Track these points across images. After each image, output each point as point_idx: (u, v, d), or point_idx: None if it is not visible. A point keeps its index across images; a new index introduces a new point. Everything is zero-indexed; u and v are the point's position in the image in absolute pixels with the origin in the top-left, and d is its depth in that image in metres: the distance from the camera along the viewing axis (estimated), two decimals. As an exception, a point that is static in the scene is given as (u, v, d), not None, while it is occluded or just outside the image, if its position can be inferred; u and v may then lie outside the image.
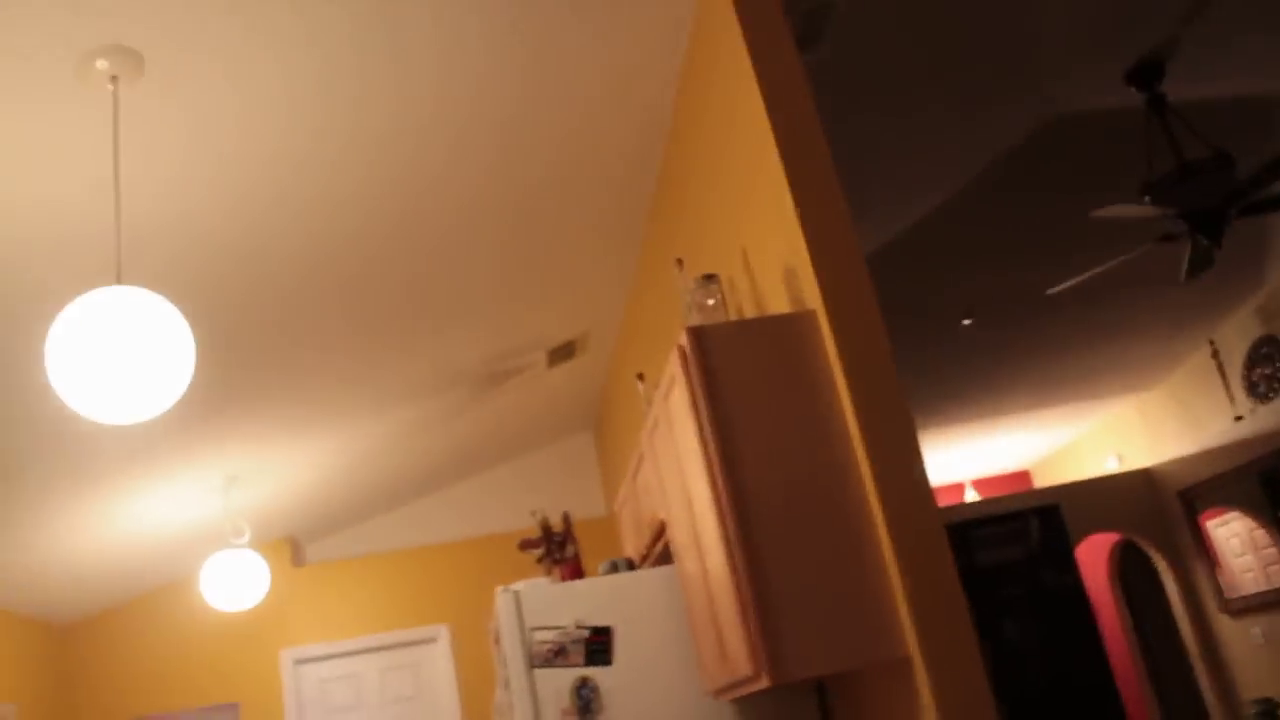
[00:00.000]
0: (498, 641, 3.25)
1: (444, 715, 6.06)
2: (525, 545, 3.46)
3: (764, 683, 2.43)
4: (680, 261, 3.16)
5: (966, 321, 6.38)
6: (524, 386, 5.67)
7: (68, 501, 4.53)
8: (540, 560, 3.47)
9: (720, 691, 2.91)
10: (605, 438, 6.42)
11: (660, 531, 3.33)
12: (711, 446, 2.58)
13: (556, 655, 3.05)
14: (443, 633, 6.15)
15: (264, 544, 5.88)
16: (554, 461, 6.65)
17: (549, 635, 3.05)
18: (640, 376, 3.83)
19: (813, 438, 2.61)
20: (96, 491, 4.55)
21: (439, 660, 6.14)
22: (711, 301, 2.92)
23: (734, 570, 2.49)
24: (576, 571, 3.34)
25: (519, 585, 3.11)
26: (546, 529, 3.48)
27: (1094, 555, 8.97)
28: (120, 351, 2.43)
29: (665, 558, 3.49)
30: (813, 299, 2.72)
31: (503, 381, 5.46)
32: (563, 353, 5.48)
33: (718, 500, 2.54)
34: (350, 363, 4.48)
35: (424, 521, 6.44)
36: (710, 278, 2.93)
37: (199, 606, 5.91)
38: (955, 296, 6.09)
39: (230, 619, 6.00)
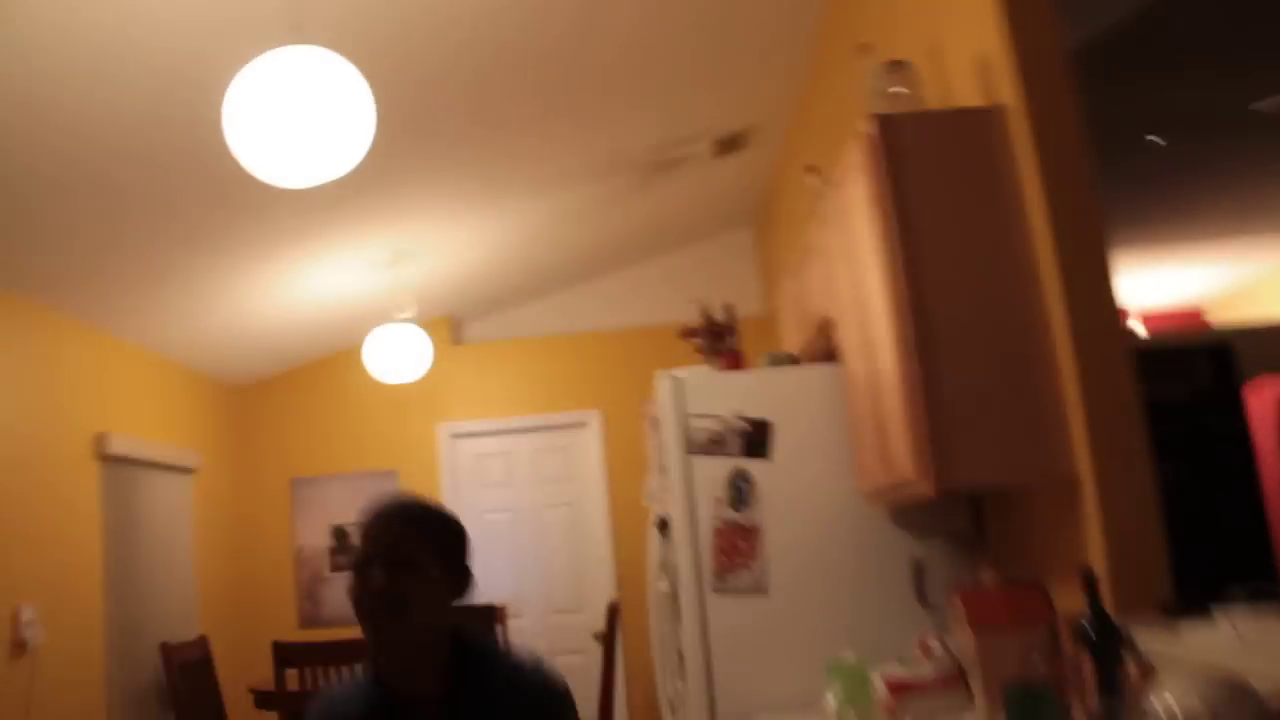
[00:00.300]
0: (656, 426, 3.29)
1: (592, 496, 6.29)
2: (686, 333, 3.45)
3: (926, 489, 2.39)
4: (865, 47, 2.97)
5: (1155, 138, 5.92)
6: (688, 178, 5.57)
7: (245, 268, 4.70)
8: (700, 349, 3.45)
9: (876, 494, 2.90)
10: (766, 234, 6.31)
11: (825, 329, 3.26)
12: (892, 242, 2.46)
13: (714, 444, 3.07)
14: (594, 418, 6.31)
15: (425, 321, 6.05)
16: (711, 257, 6.59)
17: (708, 424, 3.07)
18: (812, 169, 3.68)
19: (999, 242, 2.47)
20: (272, 260, 4.71)
21: (589, 444, 6.32)
22: (900, 90, 2.74)
23: (906, 373, 2.42)
24: (737, 363, 3.32)
25: (681, 371, 3.11)
26: (708, 318, 3.45)
27: (1263, 402, 8.53)
28: (299, 113, 2.42)
29: (828, 357, 3.44)
30: (1009, 94, 2.53)
31: (667, 171, 5.37)
32: (730, 144, 5.33)
33: (895, 300, 2.45)
34: (523, 141, 4.44)
35: (580, 308, 6.52)
36: (899, 64, 2.74)
37: (362, 377, 6.17)
38: (1148, 108, 5.64)
39: (390, 391, 6.26)
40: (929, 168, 2.52)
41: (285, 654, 4.05)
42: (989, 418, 2.39)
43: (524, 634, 5.99)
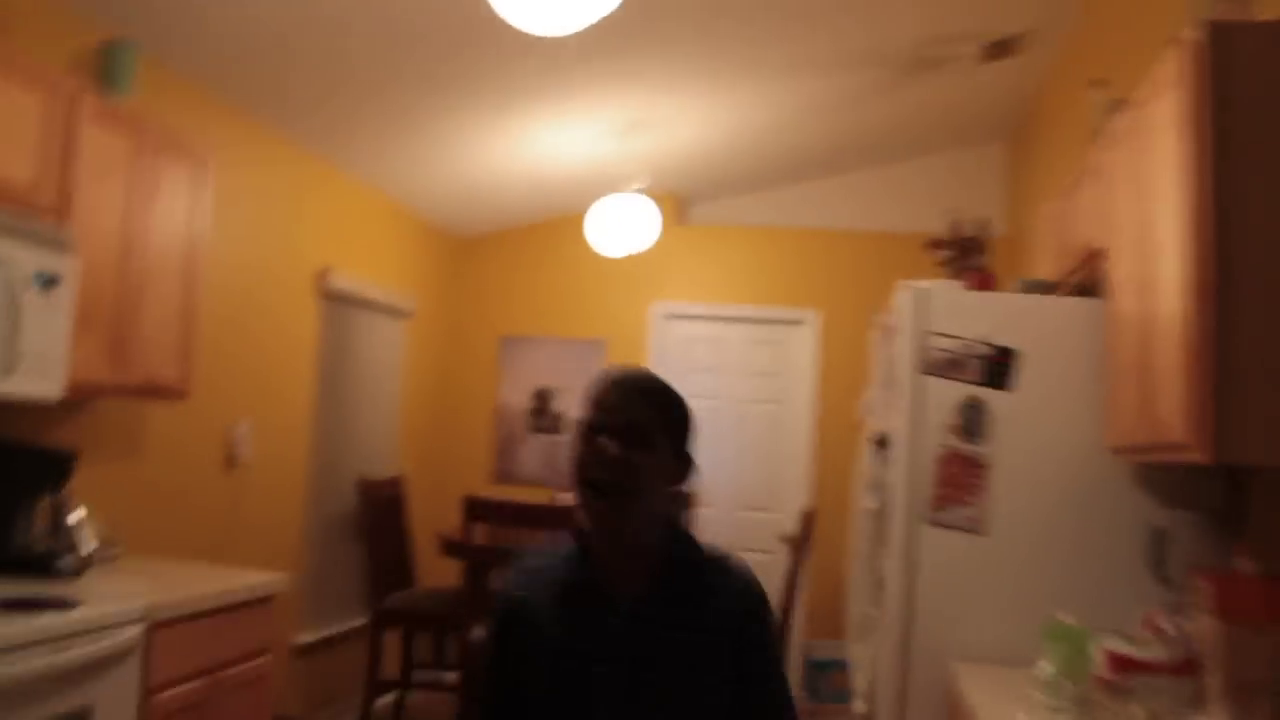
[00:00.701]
0: (889, 338, 3.06)
1: (799, 397, 6.09)
2: (934, 244, 3.18)
3: (1197, 456, 2.10)
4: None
5: None
6: (945, 81, 5.14)
7: (480, 119, 4.64)
8: (946, 264, 3.18)
9: (1125, 450, 2.60)
10: (1021, 151, 5.82)
11: (1090, 260, 2.92)
12: (1203, 169, 2.12)
13: (951, 366, 2.82)
14: (812, 317, 6.07)
15: (651, 196, 5.90)
16: (957, 168, 6.15)
17: (948, 344, 2.82)
18: (1099, 82, 3.29)
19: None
20: (508, 114, 4.63)
21: (804, 343, 6.10)
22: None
23: (1194, 319, 2.11)
24: (986, 283, 3.04)
25: (925, 283, 2.86)
26: (959, 231, 3.16)
27: None
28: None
29: (1086, 290, 3.11)
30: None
31: (926, 71, 4.97)
32: (1001, 48, 4.88)
33: (1195, 234, 2.12)
34: (776, 21, 4.17)
35: (810, 204, 6.23)
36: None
37: (581, 245, 6.11)
38: None
39: (608, 263, 6.18)
40: (1261, 88, 2.15)
41: (476, 509, 4.09)
42: (1290, 385, 2.06)
43: (710, 526, 5.92)
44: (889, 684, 2.87)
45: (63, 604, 2.49)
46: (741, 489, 6.07)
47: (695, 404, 5.91)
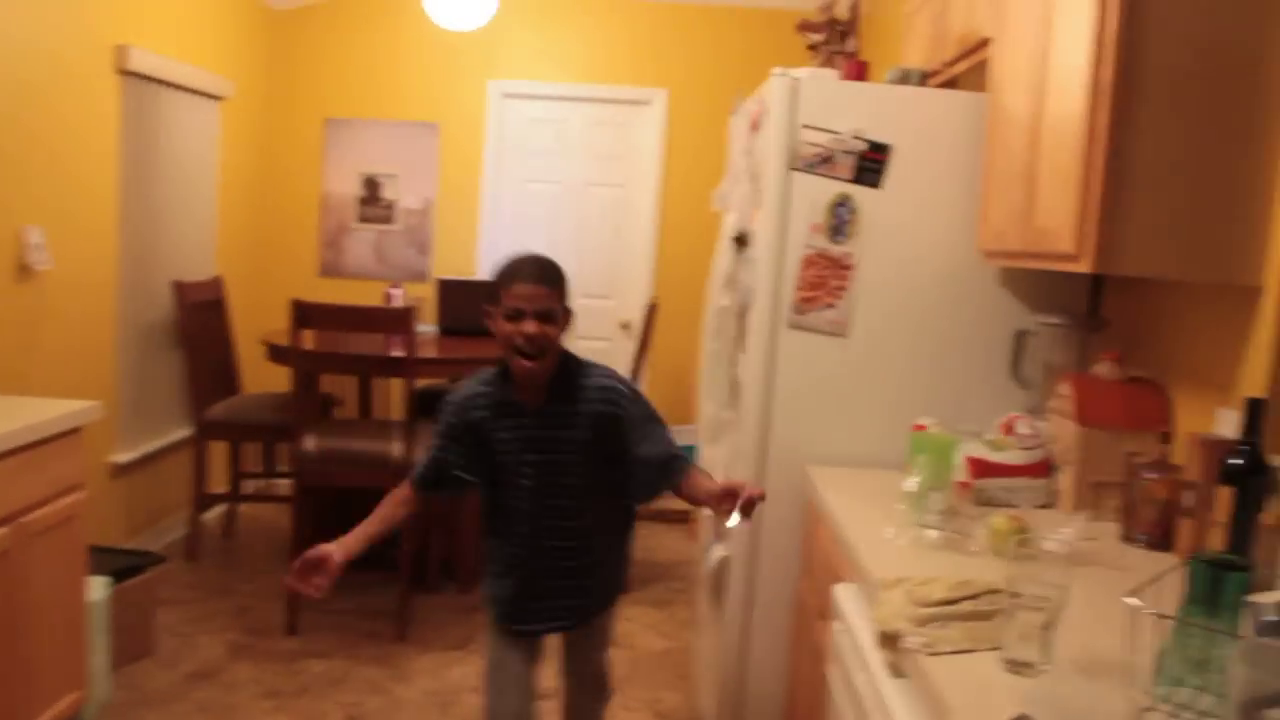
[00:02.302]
0: (755, 129, 2.84)
1: (643, 182, 5.84)
2: (806, 27, 2.93)
3: (1081, 266, 2.01)
4: None
5: None
6: None
7: None
8: (815, 47, 2.94)
9: (996, 254, 2.51)
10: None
11: (974, 49, 2.75)
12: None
13: (822, 163, 2.64)
14: (660, 97, 5.75)
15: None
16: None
17: (820, 139, 2.62)
18: None
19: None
20: None
21: (650, 125, 5.80)
22: None
23: (1092, 123, 1.97)
24: (861, 71, 2.83)
25: (800, 72, 2.63)
26: (830, 13, 2.92)
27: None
28: None
29: (956, 83, 2.95)
30: None
31: None
32: None
33: (1101, 31, 1.95)
34: None
35: (657, -27, 5.80)
36: None
37: (414, 18, 5.58)
38: None
39: (442, 39, 5.67)
40: None
41: (304, 314, 3.79)
42: (1180, 196, 1.96)
43: (550, 315, 5.76)
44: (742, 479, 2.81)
45: None
46: (582, 276, 5.85)
47: (535, 188, 5.68)
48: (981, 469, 2.42)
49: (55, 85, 3.80)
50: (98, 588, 3.23)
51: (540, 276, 2.27)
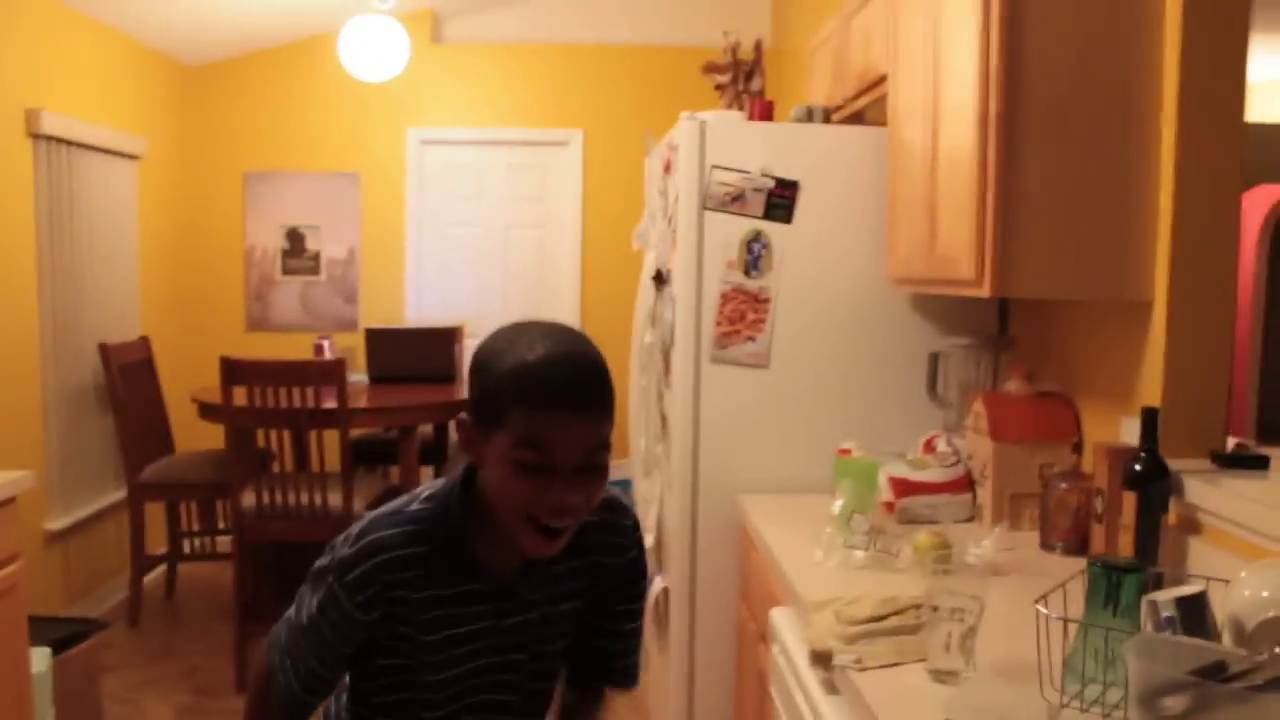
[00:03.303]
0: (668, 170, 2.94)
1: (565, 223, 5.94)
2: (711, 69, 3.04)
3: (982, 291, 2.12)
4: None
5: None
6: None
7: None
8: (722, 88, 3.06)
9: (906, 281, 2.63)
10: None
11: (873, 85, 2.88)
12: (993, -1, 2.07)
13: (734, 201, 2.74)
14: (577, 138, 5.86)
15: (404, 14, 5.45)
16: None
17: (730, 178, 2.73)
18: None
19: (1119, 11, 2.08)
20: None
21: (568, 166, 5.90)
22: None
23: (983, 154, 2.09)
24: (766, 110, 2.94)
25: (707, 115, 2.74)
26: (735, 55, 3.04)
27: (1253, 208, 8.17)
28: None
29: (861, 116, 3.08)
30: None
31: None
32: None
33: (986, 66, 2.08)
34: None
35: (570, 17, 5.88)
36: None
37: (329, 69, 5.63)
38: None
39: (359, 88, 5.72)
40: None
41: (233, 371, 3.81)
42: (1069, 220, 2.09)
43: (481, 356, 5.81)
44: (678, 518, 2.89)
45: None
46: (510, 317, 5.89)
47: (457, 232, 5.73)
48: (904, 488, 2.52)
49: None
50: (39, 659, 3.19)
51: (597, 398, 1.28)
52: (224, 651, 4.26)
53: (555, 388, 1.25)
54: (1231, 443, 2.13)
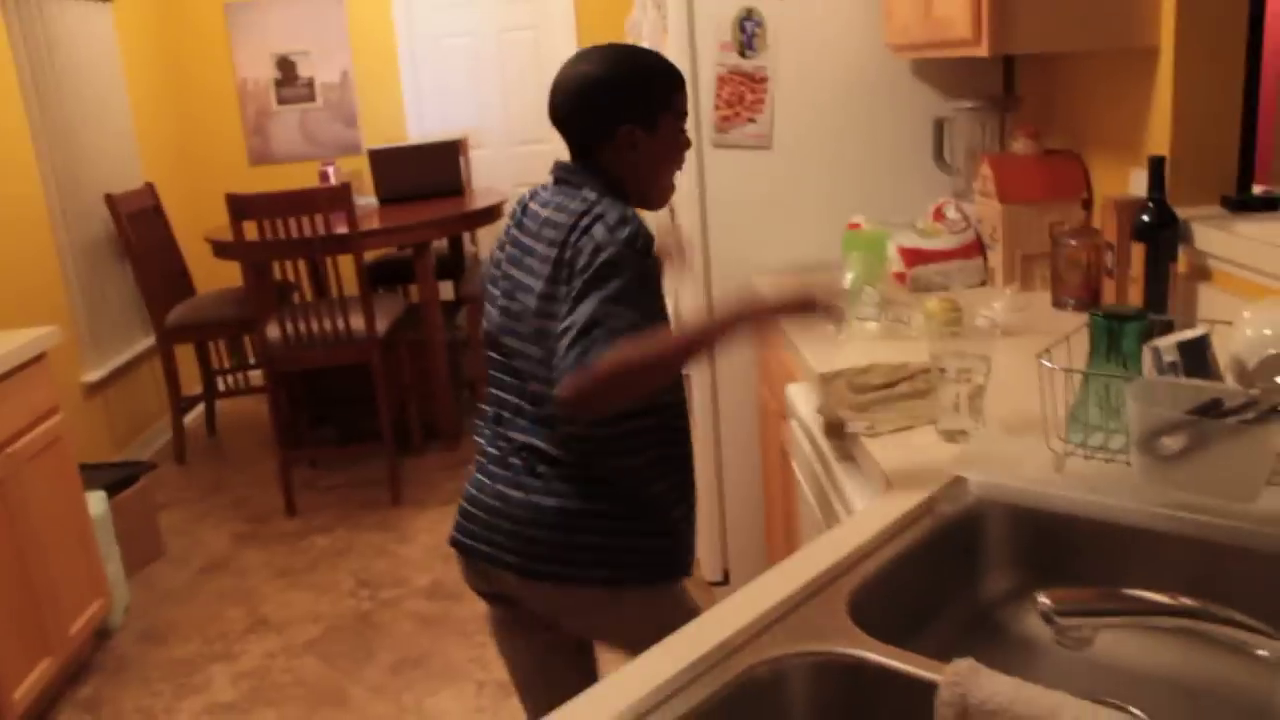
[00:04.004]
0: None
1: (557, 19, 5.73)
2: None
3: (980, 50, 2.06)
4: None
5: None
6: None
7: None
8: None
9: (906, 48, 2.55)
10: None
11: None
12: None
13: (721, -19, 2.64)
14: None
15: None
16: None
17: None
18: None
19: None
20: None
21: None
22: None
23: (972, -98, 2.00)
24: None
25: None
26: None
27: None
28: None
29: None
30: None
31: None
32: None
33: None
34: None
35: None
36: None
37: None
38: None
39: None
40: None
41: (241, 207, 3.80)
42: (1066, -35, 2.01)
43: (487, 165, 5.75)
44: (692, 305, 2.92)
45: None
46: (512, 125, 5.83)
47: (451, 42, 5.59)
48: (914, 257, 2.52)
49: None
50: (96, 502, 3.34)
51: None
52: (270, 480, 4.42)
53: (674, 68, 1.73)
54: (1259, 190, 2.10)
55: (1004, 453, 1.49)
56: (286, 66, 5.69)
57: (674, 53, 2.73)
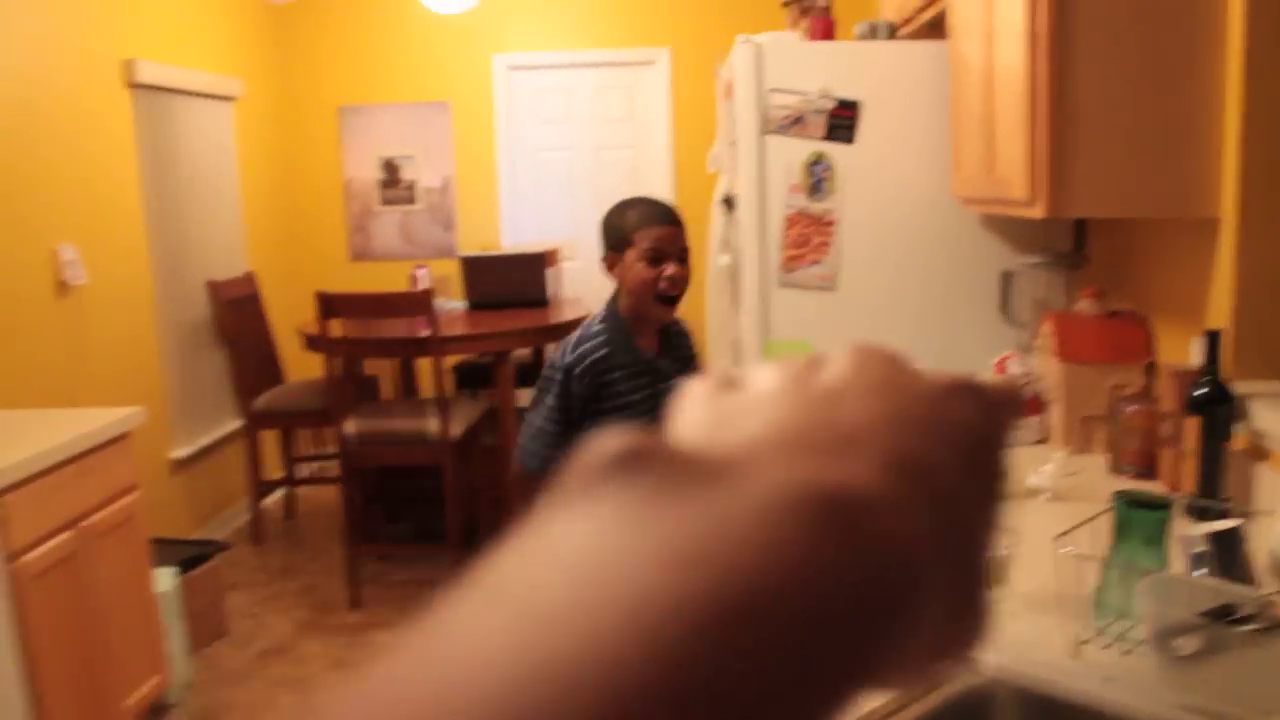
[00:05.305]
0: (728, 95, 2.92)
1: (654, 141, 5.92)
2: (774, -11, 2.98)
3: (1037, 212, 2.08)
4: None
5: None
6: None
7: None
8: (788, 5, 3.00)
9: (972, 201, 2.57)
10: None
11: (936, -3, 2.79)
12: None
13: (794, 124, 2.72)
14: (663, 56, 5.80)
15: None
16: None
17: (789, 100, 2.70)
18: None
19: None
20: None
21: (656, 84, 5.86)
22: None
23: (1033, 70, 2.03)
24: (827, 29, 2.88)
25: (762, 37, 2.70)
26: (799, -28, 2.98)
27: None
28: None
29: (935, 28, 2.99)
30: None
31: None
32: None
33: (1033, -18, 2.01)
34: None
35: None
36: None
37: (413, 2, 5.67)
38: None
39: (442, 18, 5.75)
40: None
41: (330, 305, 3.95)
42: (1124, 135, 2.02)
43: (576, 277, 5.88)
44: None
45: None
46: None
47: (548, 156, 5.73)
48: (970, 410, 2.50)
49: (70, 106, 3.97)
50: (166, 578, 3.44)
51: (675, 218, 2.29)
52: (339, 570, 4.50)
53: (651, 212, 2.30)
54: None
55: (1022, 631, 1.47)
56: (391, 169, 5.93)
57: (744, 191, 2.79)
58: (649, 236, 2.22)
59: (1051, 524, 1.81)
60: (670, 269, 2.23)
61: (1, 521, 2.54)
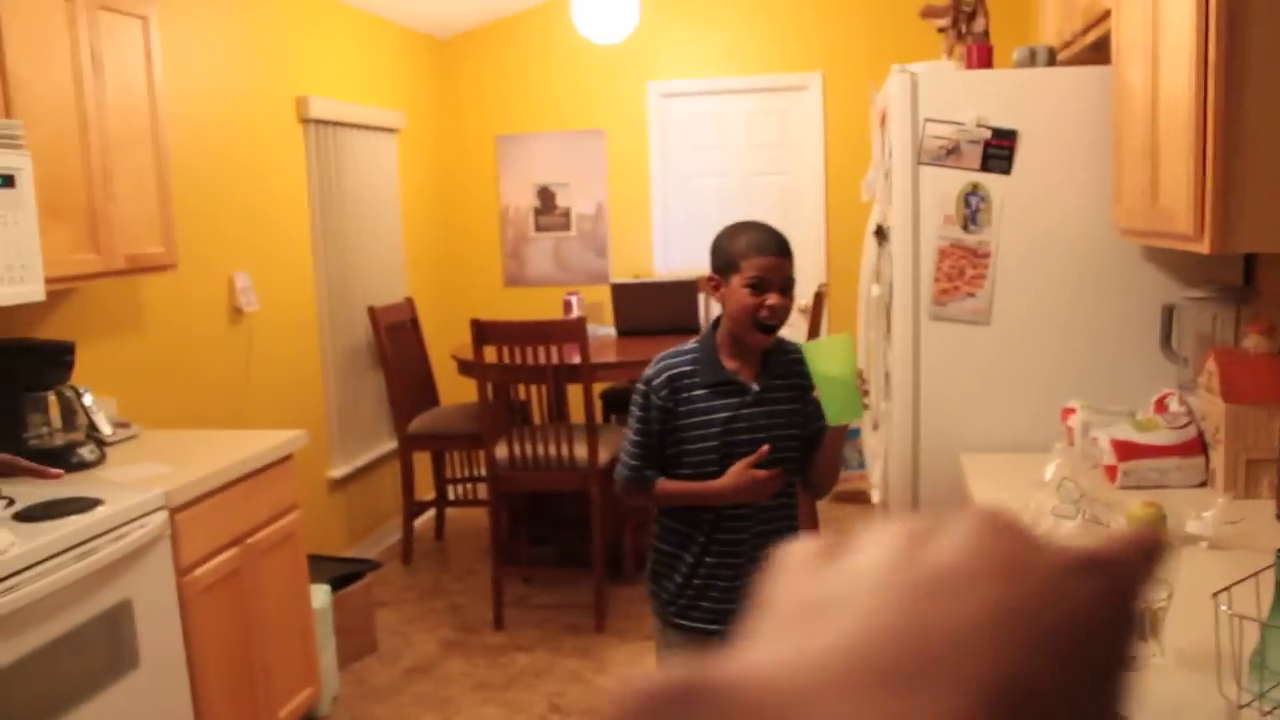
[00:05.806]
0: (883, 124, 2.88)
1: (807, 168, 5.88)
2: (929, 13, 2.93)
3: (1202, 247, 1.98)
4: None
5: None
6: None
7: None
8: (943, 31, 2.94)
9: (1134, 234, 2.47)
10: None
11: (1098, 20, 2.69)
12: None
13: (949, 154, 2.66)
14: (815, 81, 5.77)
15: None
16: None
17: (945, 131, 2.65)
18: None
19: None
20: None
21: (808, 110, 5.83)
22: None
23: (1201, 98, 1.94)
24: (985, 56, 2.81)
25: (917, 67, 2.66)
26: (955, -3, 2.92)
27: None
28: None
29: (1098, 52, 2.88)
30: None
31: None
32: None
33: (1204, 7, 1.92)
34: None
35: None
36: None
37: (568, 30, 5.80)
38: None
39: (597, 48, 5.86)
40: None
41: (483, 332, 4.05)
42: (1301, 166, 1.91)
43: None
44: (901, 476, 2.87)
45: (84, 504, 2.47)
46: (759, 265, 5.96)
47: (701, 183, 5.74)
48: (1127, 450, 2.40)
49: (248, 142, 4.20)
50: (321, 595, 3.58)
51: (783, 248, 2.22)
52: (485, 591, 4.58)
53: (761, 240, 2.20)
54: None
55: (1174, 691, 1.40)
56: (546, 196, 6.06)
57: (897, 221, 2.75)
58: (756, 265, 2.17)
59: (1210, 575, 1.71)
60: (773, 299, 2.18)
61: (173, 539, 2.69)
